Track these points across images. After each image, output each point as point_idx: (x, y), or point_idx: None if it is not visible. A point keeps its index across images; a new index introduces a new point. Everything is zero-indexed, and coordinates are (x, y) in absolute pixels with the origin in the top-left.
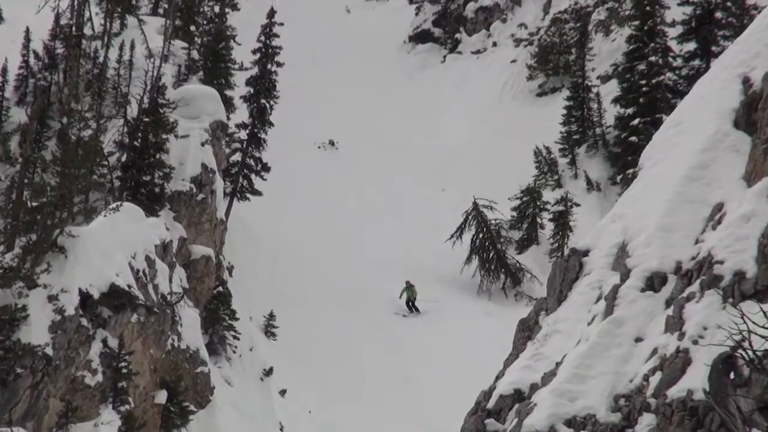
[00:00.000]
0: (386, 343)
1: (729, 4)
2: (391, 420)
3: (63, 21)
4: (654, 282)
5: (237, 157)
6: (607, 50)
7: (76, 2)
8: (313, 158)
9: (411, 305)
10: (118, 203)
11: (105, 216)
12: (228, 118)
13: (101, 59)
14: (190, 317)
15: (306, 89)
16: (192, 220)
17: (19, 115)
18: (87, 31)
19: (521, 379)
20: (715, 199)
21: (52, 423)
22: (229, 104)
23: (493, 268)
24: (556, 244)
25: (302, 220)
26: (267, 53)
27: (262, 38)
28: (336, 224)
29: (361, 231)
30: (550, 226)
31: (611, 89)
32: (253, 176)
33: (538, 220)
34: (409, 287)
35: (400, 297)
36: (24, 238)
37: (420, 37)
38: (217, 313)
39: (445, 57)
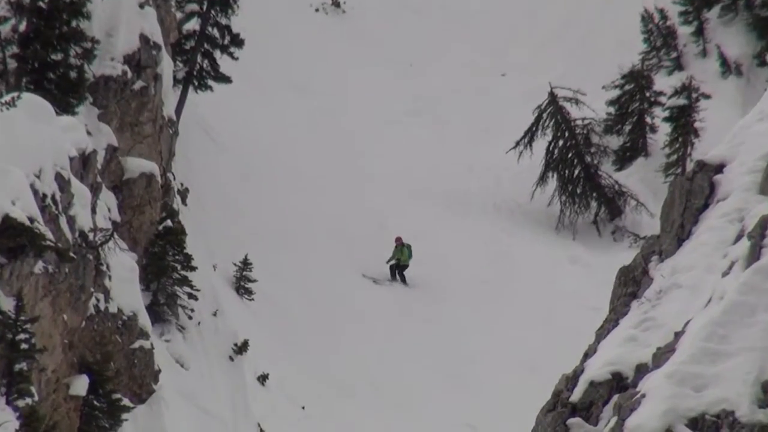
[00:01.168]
0: (415, 305)
1: None
2: (423, 420)
3: None
4: None
5: (194, 24)
6: None
7: None
8: (307, 26)
9: (398, 272)
10: (15, 95)
11: None
12: None
13: None
14: (123, 266)
15: None
16: (126, 121)
17: None
18: None
19: (622, 357)
20: None
21: None
22: None
23: (579, 191)
24: (675, 156)
25: (290, 120)
26: None
27: None
28: (340, 127)
29: (378, 137)
30: (665, 129)
31: None
32: (217, 54)
33: (648, 119)
34: (401, 248)
35: (388, 262)
36: None
37: None
38: (165, 260)
39: None
